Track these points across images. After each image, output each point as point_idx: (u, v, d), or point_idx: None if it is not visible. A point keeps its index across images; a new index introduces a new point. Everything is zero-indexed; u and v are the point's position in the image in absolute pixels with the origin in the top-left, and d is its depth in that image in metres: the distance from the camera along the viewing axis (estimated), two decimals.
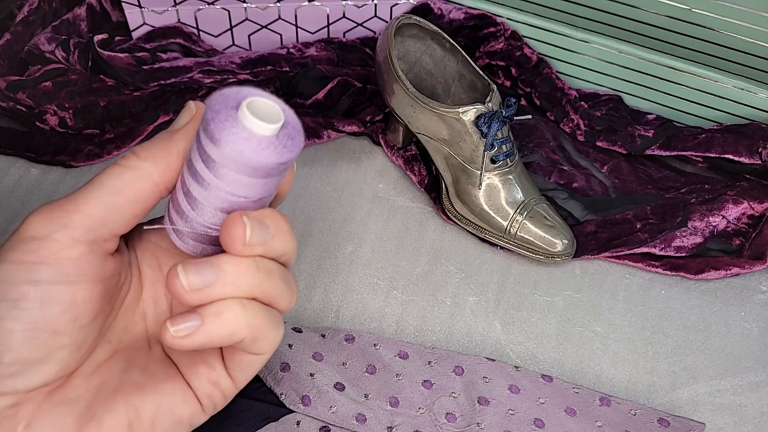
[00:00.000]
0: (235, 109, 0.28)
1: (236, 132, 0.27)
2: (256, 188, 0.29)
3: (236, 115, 0.28)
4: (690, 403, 0.53)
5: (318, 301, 0.57)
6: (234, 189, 0.29)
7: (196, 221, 0.31)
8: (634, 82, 0.71)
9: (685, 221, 0.61)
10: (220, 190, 0.29)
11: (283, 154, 0.28)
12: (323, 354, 0.51)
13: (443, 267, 0.60)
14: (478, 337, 0.56)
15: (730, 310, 0.59)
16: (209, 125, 0.28)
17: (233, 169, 0.28)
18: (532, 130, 0.69)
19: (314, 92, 0.70)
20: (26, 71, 0.69)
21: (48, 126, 0.67)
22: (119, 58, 0.69)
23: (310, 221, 0.63)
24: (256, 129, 0.28)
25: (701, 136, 0.67)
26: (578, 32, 0.70)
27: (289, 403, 0.48)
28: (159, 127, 0.67)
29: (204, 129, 0.28)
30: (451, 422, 0.49)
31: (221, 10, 0.72)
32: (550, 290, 0.59)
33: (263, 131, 0.28)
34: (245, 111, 0.27)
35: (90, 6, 0.74)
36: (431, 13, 0.73)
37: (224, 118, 0.28)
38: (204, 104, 0.30)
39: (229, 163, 0.28)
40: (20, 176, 0.64)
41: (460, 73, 0.64)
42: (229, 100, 0.28)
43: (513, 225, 0.59)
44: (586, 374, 0.54)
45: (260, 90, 0.29)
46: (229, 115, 0.28)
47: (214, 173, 0.29)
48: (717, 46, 0.66)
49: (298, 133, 0.29)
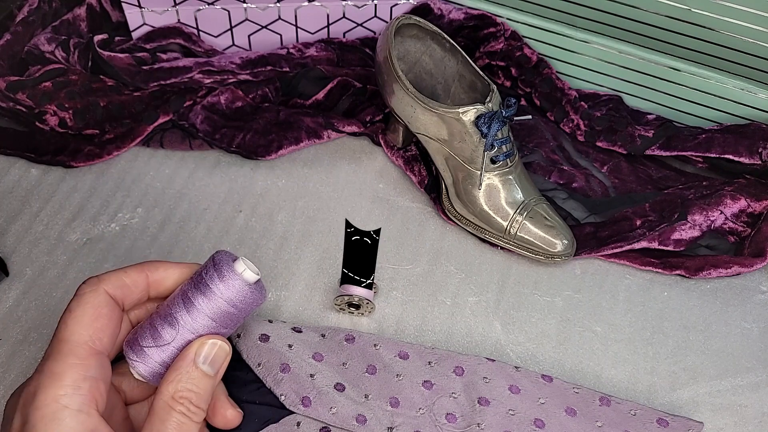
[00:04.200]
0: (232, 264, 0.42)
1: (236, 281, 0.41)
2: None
3: (234, 268, 0.41)
4: (690, 404, 0.53)
5: (318, 301, 0.57)
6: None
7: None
8: (634, 82, 0.71)
9: (684, 216, 0.61)
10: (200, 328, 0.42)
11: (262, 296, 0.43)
12: (323, 354, 0.51)
13: (443, 267, 0.60)
14: (478, 337, 0.56)
15: (730, 311, 0.59)
16: (211, 279, 0.41)
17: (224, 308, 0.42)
18: (532, 130, 0.69)
19: (314, 92, 0.70)
20: (26, 71, 0.69)
21: (48, 126, 0.67)
22: (119, 59, 0.69)
23: (310, 221, 0.63)
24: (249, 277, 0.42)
25: (701, 137, 0.67)
26: (578, 32, 0.70)
27: (289, 405, 0.48)
28: (159, 127, 0.67)
29: (203, 284, 0.41)
30: (452, 422, 0.49)
31: (221, 10, 0.72)
32: (550, 290, 0.59)
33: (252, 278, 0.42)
34: (242, 264, 0.42)
35: (90, 6, 0.74)
36: (431, 14, 0.73)
37: (226, 272, 0.41)
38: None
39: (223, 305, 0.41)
40: (20, 176, 0.64)
41: (460, 74, 0.64)
42: (228, 258, 0.42)
43: (513, 225, 0.59)
44: (586, 374, 0.54)
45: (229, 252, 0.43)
46: (231, 269, 0.41)
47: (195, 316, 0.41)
48: (717, 46, 0.66)
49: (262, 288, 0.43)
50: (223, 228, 0.62)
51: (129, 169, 0.65)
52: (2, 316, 0.54)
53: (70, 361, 0.37)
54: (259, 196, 0.64)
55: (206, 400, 0.40)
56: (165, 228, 0.61)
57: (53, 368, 0.37)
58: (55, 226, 0.61)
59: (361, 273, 0.54)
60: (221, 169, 0.66)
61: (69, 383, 0.36)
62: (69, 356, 0.37)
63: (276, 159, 0.67)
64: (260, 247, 0.60)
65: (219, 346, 0.41)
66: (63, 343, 0.38)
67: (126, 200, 0.63)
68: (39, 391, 0.36)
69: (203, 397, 0.40)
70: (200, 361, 0.40)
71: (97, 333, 0.39)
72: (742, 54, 0.66)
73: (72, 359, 0.37)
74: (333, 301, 0.56)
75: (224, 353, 0.41)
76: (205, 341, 0.41)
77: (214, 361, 0.41)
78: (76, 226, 0.61)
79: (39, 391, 0.36)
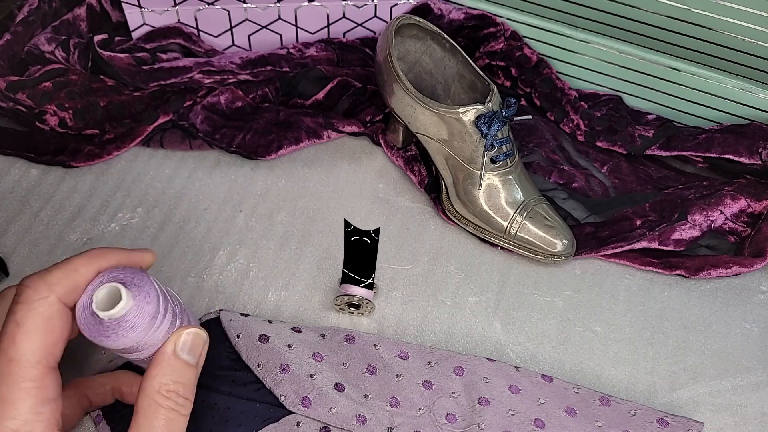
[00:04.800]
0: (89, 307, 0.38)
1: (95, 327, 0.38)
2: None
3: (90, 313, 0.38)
4: (690, 404, 0.53)
5: (318, 301, 0.57)
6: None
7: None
8: (634, 82, 0.71)
9: (684, 216, 0.61)
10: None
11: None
12: (323, 354, 0.51)
13: (443, 267, 0.60)
14: (478, 337, 0.56)
15: (730, 311, 0.59)
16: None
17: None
18: (532, 130, 0.69)
19: (314, 92, 0.70)
20: (26, 71, 0.69)
21: (48, 126, 0.67)
22: (119, 59, 0.69)
23: (310, 221, 0.63)
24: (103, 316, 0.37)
25: (701, 137, 0.67)
26: (578, 32, 0.70)
27: (289, 405, 0.48)
28: (159, 127, 0.67)
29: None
30: (452, 423, 0.49)
31: (221, 10, 0.72)
32: (550, 290, 0.59)
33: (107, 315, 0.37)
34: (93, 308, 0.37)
35: (90, 6, 0.74)
36: (431, 14, 0.73)
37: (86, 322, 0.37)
38: None
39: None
40: (20, 176, 0.64)
41: (460, 74, 0.64)
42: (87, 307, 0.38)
43: (513, 225, 0.59)
44: (586, 374, 0.54)
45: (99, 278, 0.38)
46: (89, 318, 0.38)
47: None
48: (717, 46, 0.66)
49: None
50: (223, 228, 0.62)
51: (129, 169, 0.65)
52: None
53: (24, 385, 0.34)
54: (259, 196, 0.64)
55: (192, 391, 0.39)
56: (165, 228, 0.61)
57: (6, 395, 0.34)
58: (55, 226, 0.61)
59: (361, 273, 0.54)
60: (221, 169, 0.66)
61: (27, 410, 0.34)
62: (23, 380, 0.34)
63: (276, 159, 0.67)
64: (260, 247, 0.60)
65: (196, 334, 0.40)
66: (14, 364, 0.34)
67: (126, 200, 0.63)
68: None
69: (189, 387, 0.38)
70: (181, 350, 0.39)
71: (50, 349, 0.35)
72: (742, 54, 0.66)
73: (26, 383, 0.34)
74: (333, 301, 0.56)
75: (202, 341, 0.40)
76: (182, 331, 0.39)
77: (193, 350, 0.39)
78: (76, 226, 0.61)
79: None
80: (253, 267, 0.59)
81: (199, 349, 0.40)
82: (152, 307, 0.38)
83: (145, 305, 0.37)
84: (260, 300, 0.57)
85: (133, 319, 0.37)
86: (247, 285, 0.58)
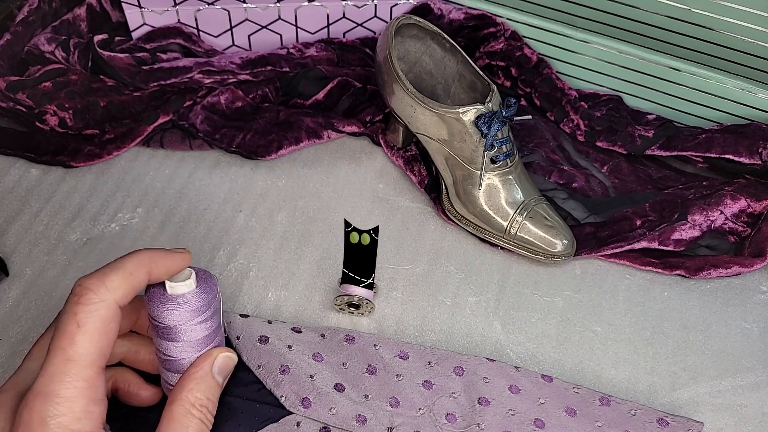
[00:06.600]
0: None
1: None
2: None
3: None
4: (690, 404, 0.53)
5: (318, 301, 0.57)
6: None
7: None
8: (634, 82, 0.71)
9: (684, 216, 0.61)
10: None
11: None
12: (323, 354, 0.51)
13: (443, 267, 0.60)
14: (478, 337, 0.56)
15: (730, 310, 0.59)
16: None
17: None
18: (532, 130, 0.69)
19: (314, 92, 0.70)
20: (26, 71, 0.69)
21: (48, 126, 0.67)
22: (119, 59, 0.69)
23: (310, 221, 0.63)
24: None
25: (701, 137, 0.67)
26: (578, 32, 0.70)
27: (289, 406, 0.48)
28: (159, 127, 0.67)
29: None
30: (452, 423, 0.49)
31: (221, 10, 0.72)
32: (550, 290, 0.59)
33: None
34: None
35: (90, 6, 0.74)
36: (431, 14, 0.73)
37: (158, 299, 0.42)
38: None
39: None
40: (20, 176, 0.64)
41: (460, 74, 0.64)
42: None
43: (513, 225, 0.59)
44: (586, 374, 0.54)
45: None
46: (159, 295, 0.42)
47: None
48: (717, 46, 0.66)
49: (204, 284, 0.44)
50: (223, 228, 0.62)
51: (129, 169, 0.66)
52: (2, 316, 0.54)
53: (79, 384, 0.36)
54: (259, 196, 0.64)
55: (215, 409, 0.42)
56: (165, 228, 0.61)
57: (62, 392, 0.35)
58: (55, 226, 0.61)
59: (361, 273, 0.54)
60: (221, 169, 0.66)
61: (80, 409, 0.35)
62: (78, 379, 0.36)
63: (276, 159, 0.67)
64: (260, 247, 0.60)
65: (229, 358, 0.44)
66: (71, 364, 0.36)
67: (126, 200, 0.63)
68: (48, 417, 0.34)
69: (216, 405, 0.42)
70: (216, 371, 0.42)
71: (104, 351, 0.37)
72: (742, 54, 0.66)
73: (81, 382, 0.36)
74: (333, 301, 0.56)
75: (233, 363, 0.44)
76: (220, 353, 0.43)
77: (222, 371, 0.43)
78: (76, 226, 0.61)
79: (48, 417, 0.34)
80: (253, 267, 0.59)
81: (228, 372, 0.44)
82: (207, 299, 0.43)
83: (204, 294, 0.43)
84: (260, 300, 0.57)
85: (190, 299, 0.42)
86: (247, 285, 0.58)
